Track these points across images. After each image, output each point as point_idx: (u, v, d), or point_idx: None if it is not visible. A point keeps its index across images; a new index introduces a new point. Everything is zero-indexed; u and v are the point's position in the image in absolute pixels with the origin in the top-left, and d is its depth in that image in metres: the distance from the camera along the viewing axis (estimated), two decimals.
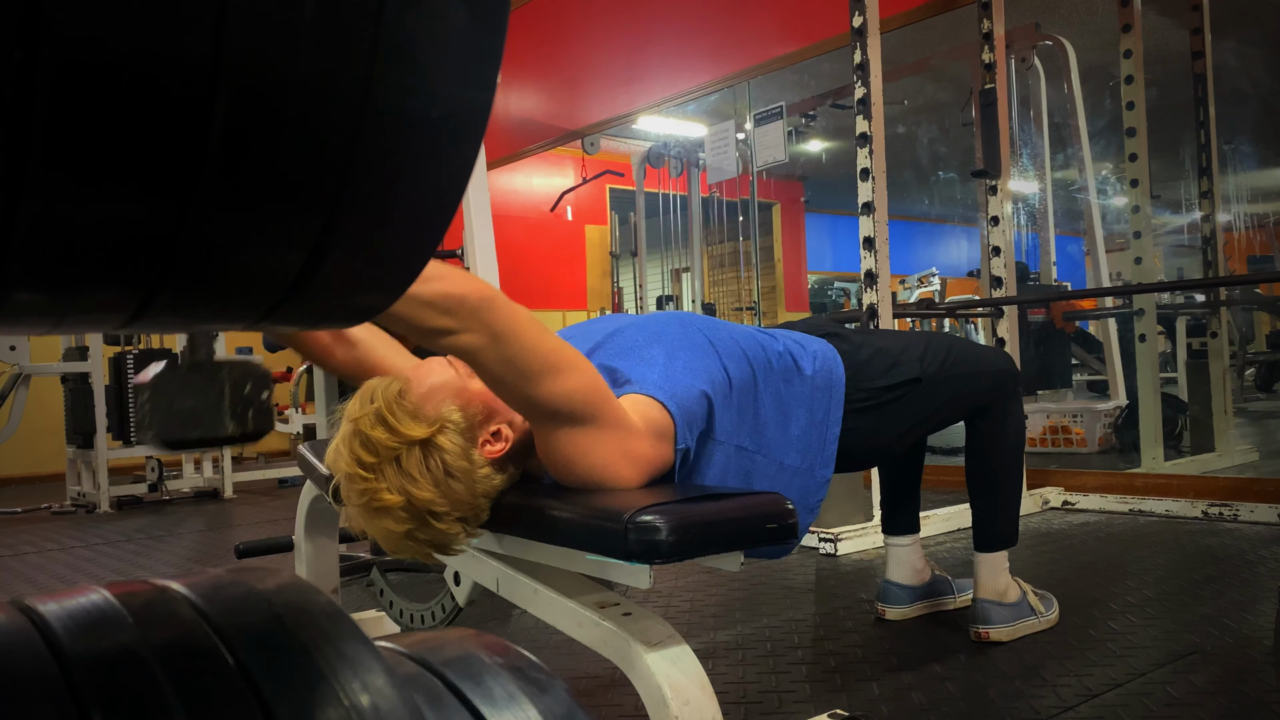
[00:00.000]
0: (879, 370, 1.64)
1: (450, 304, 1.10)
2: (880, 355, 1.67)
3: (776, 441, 1.48)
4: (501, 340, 1.13)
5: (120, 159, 0.32)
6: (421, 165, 0.38)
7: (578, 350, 1.25)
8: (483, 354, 1.14)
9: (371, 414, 1.22)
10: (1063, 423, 5.07)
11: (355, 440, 1.22)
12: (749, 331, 1.56)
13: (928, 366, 1.70)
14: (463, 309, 1.11)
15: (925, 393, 1.69)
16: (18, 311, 0.36)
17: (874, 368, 1.64)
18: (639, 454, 1.27)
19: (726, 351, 1.46)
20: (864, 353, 1.65)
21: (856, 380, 1.60)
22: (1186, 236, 8.12)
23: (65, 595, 0.39)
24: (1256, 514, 3.03)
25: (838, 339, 1.67)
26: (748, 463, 1.45)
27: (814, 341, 1.62)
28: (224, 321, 0.43)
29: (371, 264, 0.42)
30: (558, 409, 1.20)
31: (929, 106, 7.57)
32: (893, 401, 1.65)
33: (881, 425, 1.66)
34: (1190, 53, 4.09)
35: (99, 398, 4.89)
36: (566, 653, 1.91)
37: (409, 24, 0.35)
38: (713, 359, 1.43)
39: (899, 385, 1.66)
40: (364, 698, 0.36)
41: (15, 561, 3.50)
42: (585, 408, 1.21)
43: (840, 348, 1.63)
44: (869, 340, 1.71)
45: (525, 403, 1.22)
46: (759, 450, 1.46)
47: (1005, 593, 1.92)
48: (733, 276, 7.76)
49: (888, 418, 1.66)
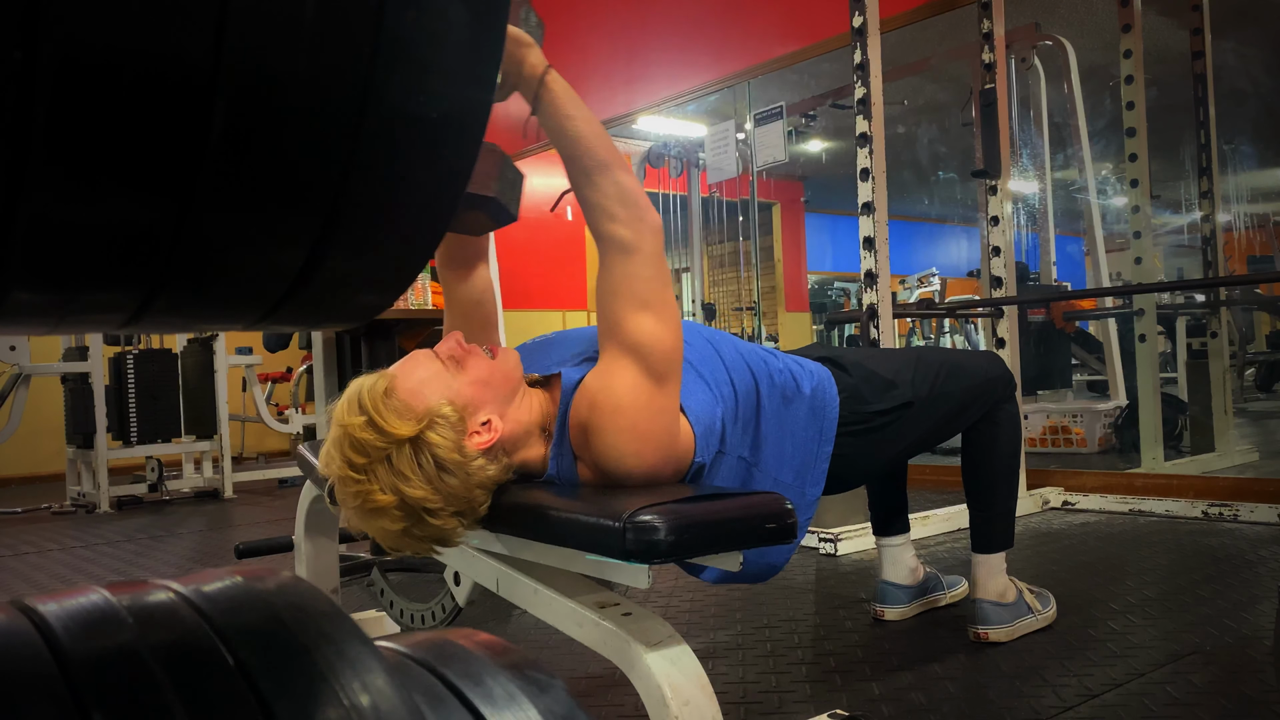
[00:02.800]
0: (872, 395, 1.66)
1: (632, 198, 1.26)
2: (873, 380, 1.68)
3: (773, 457, 1.50)
4: (642, 255, 1.26)
5: (120, 159, 0.32)
6: (421, 165, 0.38)
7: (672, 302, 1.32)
8: (623, 252, 1.25)
9: (358, 416, 1.22)
10: (1063, 423, 5.07)
11: (345, 443, 1.22)
12: (751, 347, 1.58)
13: (919, 389, 1.71)
14: (638, 208, 1.26)
15: (918, 414, 1.71)
16: (18, 311, 0.36)
17: (867, 392, 1.65)
18: (671, 443, 1.31)
19: (731, 363, 1.48)
20: (857, 377, 1.67)
21: (850, 404, 1.62)
22: (1186, 236, 8.11)
23: (65, 595, 0.39)
24: (1256, 514, 3.03)
25: (831, 364, 1.68)
26: (745, 473, 1.47)
27: (810, 363, 1.64)
28: (224, 321, 0.43)
29: (371, 263, 0.42)
30: (640, 344, 1.26)
31: (929, 106, 7.56)
32: (886, 426, 1.67)
33: (873, 449, 1.67)
34: (1190, 53, 4.09)
35: (99, 398, 4.89)
36: (566, 653, 1.91)
37: (409, 24, 0.35)
38: (720, 371, 1.46)
39: (892, 410, 1.67)
40: (364, 698, 0.36)
41: (15, 561, 3.50)
42: (662, 362, 1.27)
43: (834, 373, 1.65)
44: (861, 364, 1.71)
45: (617, 323, 1.27)
46: (756, 464, 1.48)
47: (1003, 593, 1.93)
48: (733, 276, 7.76)
49: (880, 442, 1.68)
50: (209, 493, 5.34)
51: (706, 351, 1.47)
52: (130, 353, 5.10)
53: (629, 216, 1.26)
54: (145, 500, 5.14)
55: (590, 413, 1.28)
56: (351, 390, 1.26)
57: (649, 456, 1.28)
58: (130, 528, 4.23)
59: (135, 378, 5.05)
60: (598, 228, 1.28)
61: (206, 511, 4.74)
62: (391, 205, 0.39)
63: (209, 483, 5.38)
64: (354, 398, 1.24)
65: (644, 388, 1.26)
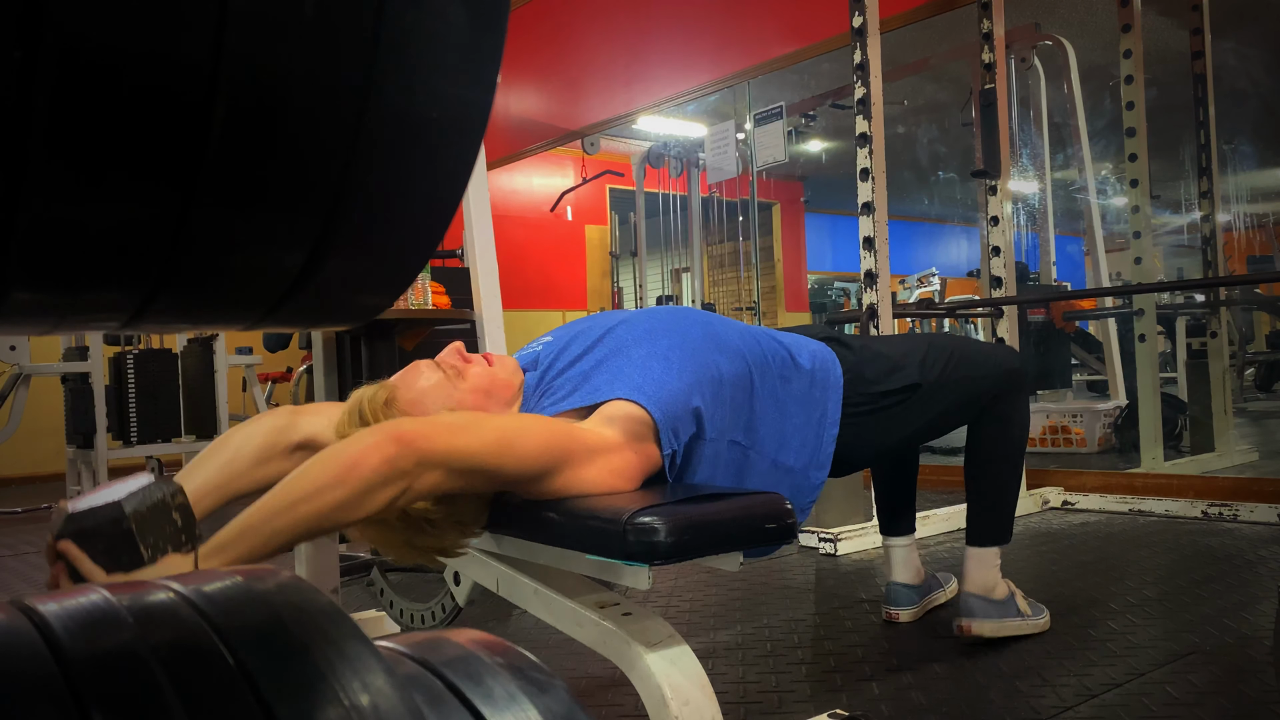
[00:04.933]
0: (878, 375, 1.62)
1: (337, 458, 1.01)
2: (879, 360, 1.65)
3: (771, 439, 1.47)
4: (449, 464, 1.09)
5: (120, 159, 0.32)
6: (421, 165, 0.38)
7: (514, 415, 1.22)
8: (441, 487, 1.11)
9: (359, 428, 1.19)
10: (1063, 423, 5.07)
11: None
12: (747, 328, 1.54)
13: (928, 372, 1.68)
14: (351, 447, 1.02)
15: (926, 398, 1.67)
16: (18, 311, 0.36)
17: (872, 372, 1.62)
18: (625, 466, 1.26)
19: (722, 346, 1.44)
20: (862, 357, 1.63)
21: (855, 385, 1.58)
22: (1186, 236, 8.11)
23: (65, 595, 0.39)
24: (1256, 514, 3.03)
25: (835, 343, 1.65)
26: (740, 458, 1.43)
27: (812, 343, 1.61)
28: (224, 321, 0.43)
29: (372, 264, 0.42)
30: (535, 474, 1.18)
31: (929, 106, 7.56)
32: (893, 407, 1.64)
33: (880, 432, 1.64)
34: (1190, 53, 4.09)
35: (99, 398, 4.88)
36: (566, 653, 1.91)
37: (409, 24, 0.35)
38: (705, 354, 1.40)
39: (898, 391, 1.64)
40: (364, 698, 0.36)
41: (15, 561, 3.50)
42: (558, 457, 1.19)
43: (838, 352, 1.61)
44: (868, 345, 1.68)
45: (504, 486, 1.20)
46: (752, 446, 1.44)
47: (993, 589, 1.89)
48: (733, 276, 7.76)
49: (887, 424, 1.64)
50: None
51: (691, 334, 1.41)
52: (130, 353, 5.10)
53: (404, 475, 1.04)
54: None
55: None
56: (352, 402, 1.25)
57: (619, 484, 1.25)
58: None
59: (135, 378, 5.05)
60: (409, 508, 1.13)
61: None
62: (392, 205, 0.39)
63: None
64: (354, 409, 1.23)
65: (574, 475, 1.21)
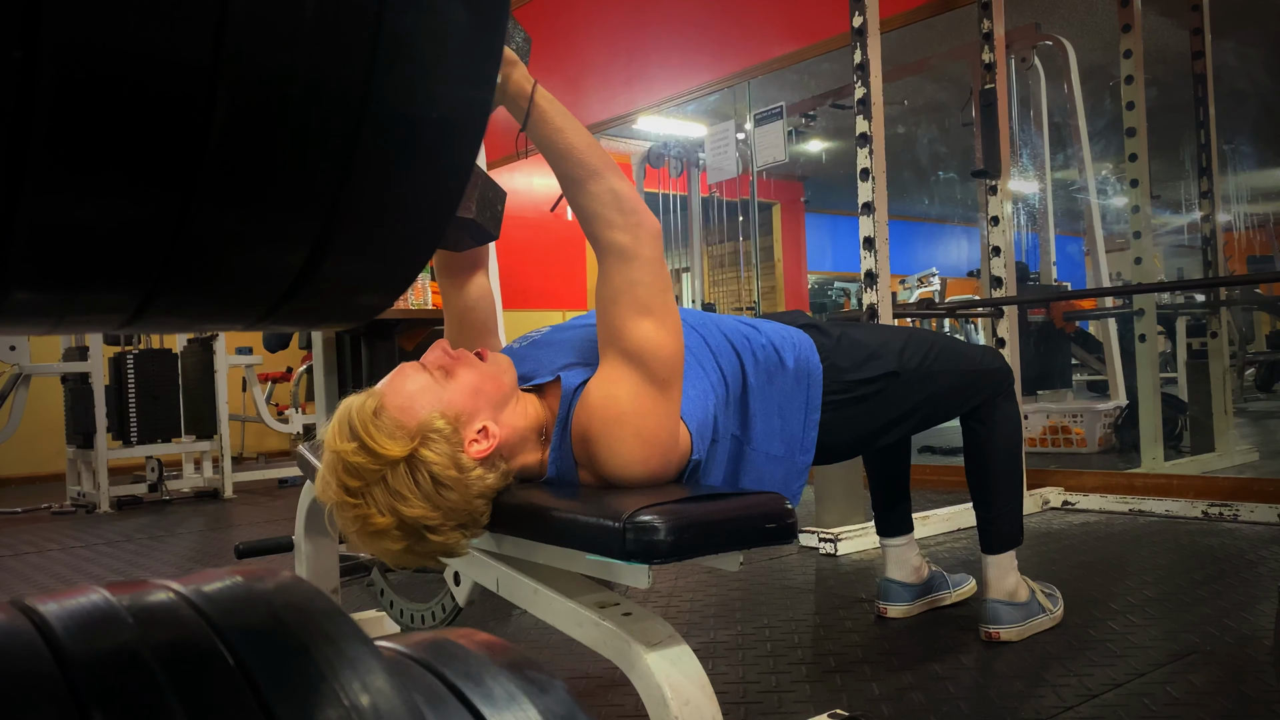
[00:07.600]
0: (854, 363, 1.64)
1: (629, 204, 1.26)
2: (856, 348, 1.67)
3: (763, 433, 1.49)
4: (641, 260, 1.26)
5: (120, 159, 0.32)
6: (421, 165, 0.38)
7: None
8: (622, 258, 1.26)
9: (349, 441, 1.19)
10: (1063, 423, 5.07)
11: (338, 468, 1.19)
12: (733, 324, 1.56)
13: (907, 361, 1.70)
14: (635, 213, 1.26)
15: (904, 387, 1.69)
16: (18, 311, 0.36)
17: (849, 360, 1.64)
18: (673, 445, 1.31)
19: (717, 347, 1.47)
20: (839, 345, 1.65)
21: (832, 373, 1.60)
22: (1186, 236, 8.10)
23: (65, 595, 0.39)
24: (1256, 514, 3.03)
25: (814, 330, 1.67)
26: (737, 451, 1.47)
27: (794, 334, 1.62)
28: (224, 321, 0.43)
29: (371, 264, 0.42)
30: (642, 351, 1.26)
31: (929, 106, 7.56)
32: (870, 395, 1.65)
33: (860, 419, 1.66)
34: (1190, 53, 4.09)
35: (99, 398, 4.89)
36: (566, 653, 1.91)
37: (409, 24, 0.35)
38: (707, 357, 1.44)
39: (876, 379, 1.65)
40: (364, 698, 0.36)
41: (15, 561, 3.50)
42: (663, 368, 1.27)
43: (816, 339, 1.63)
44: (846, 333, 1.69)
45: (619, 330, 1.27)
46: (748, 440, 1.48)
47: (1015, 592, 1.92)
48: (733, 276, 7.76)
49: (866, 412, 1.66)
50: (209, 493, 5.33)
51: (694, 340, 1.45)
52: (130, 353, 5.10)
53: (627, 222, 1.26)
54: (145, 500, 5.14)
55: (594, 421, 1.27)
56: (341, 413, 1.23)
57: (654, 462, 1.27)
58: (130, 528, 4.23)
59: (135, 378, 5.05)
60: (596, 235, 1.27)
61: (206, 511, 4.74)
62: (392, 205, 0.39)
63: (209, 483, 5.38)
64: (344, 420, 1.21)
65: (647, 395, 1.25)
